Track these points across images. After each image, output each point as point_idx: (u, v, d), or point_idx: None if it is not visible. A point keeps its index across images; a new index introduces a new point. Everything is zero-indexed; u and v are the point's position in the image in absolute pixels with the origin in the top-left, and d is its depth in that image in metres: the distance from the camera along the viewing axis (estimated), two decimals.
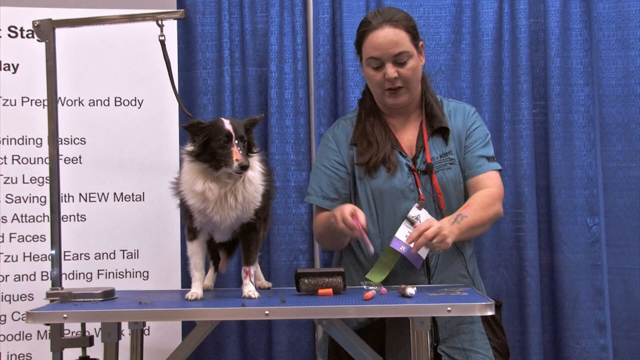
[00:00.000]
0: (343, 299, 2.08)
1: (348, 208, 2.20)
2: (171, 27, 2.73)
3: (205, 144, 2.04)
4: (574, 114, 2.88)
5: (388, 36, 2.31)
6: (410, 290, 2.04)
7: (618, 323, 2.88)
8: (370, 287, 2.21)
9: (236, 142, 2.03)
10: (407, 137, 2.42)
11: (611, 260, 2.88)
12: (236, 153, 2.01)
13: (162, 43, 2.38)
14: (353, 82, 2.90)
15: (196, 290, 2.14)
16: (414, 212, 2.31)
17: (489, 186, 2.37)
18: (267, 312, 1.93)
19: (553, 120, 2.88)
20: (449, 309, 1.90)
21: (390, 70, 2.31)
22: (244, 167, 2.01)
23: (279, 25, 2.94)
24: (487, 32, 2.93)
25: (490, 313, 1.93)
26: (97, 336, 2.41)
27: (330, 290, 2.13)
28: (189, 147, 2.09)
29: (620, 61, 2.92)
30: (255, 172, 2.13)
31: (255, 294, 2.12)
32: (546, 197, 2.90)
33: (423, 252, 2.28)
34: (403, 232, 2.29)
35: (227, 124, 2.05)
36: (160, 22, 2.39)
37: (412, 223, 2.29)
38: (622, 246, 2.89)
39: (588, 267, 2.84)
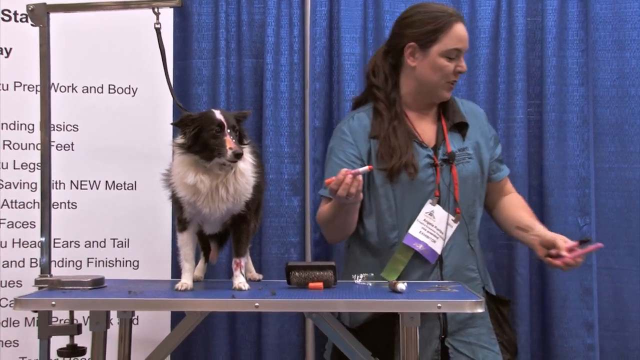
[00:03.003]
0: (333, 292, 2.07)
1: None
2: (167, 16, 2.71)
3: (196, 136, 2.03)
4: (568, 113, 2.88)
5: (465, 31, 2.40)
6: (401, 285, 2.04)
7: (605, 323, 2.89)
8: (360, 279, 2.24)
9: (228, 131, 2.02)
10: (426, 130, 2.44)
11: (600, 261, 2.88)
12: (229, 142, 2.00)
13: (158, 31, 2.36)
14: (349, 75, 2.89)
15: (186, 281, 2.13)
16: (427, 207, 2.34)
17: (513, 190, 2.61)
18: (257, 304, 1.93)
19: (547, 120, 2.88)
20: (439, 305, 1.91)
21: (464, 64, 2.40)
22: (238, 155, 2.00)
23: (276, 17, 2.92)
24: (484, 30, 2.93)
25: (480, 310, 1.92)
26: (85, 324, 2.40)
27: (320, 284, 2.13)
28: (180, 140, 2.08)
29: (615, 62, 2.93)
30: (247, 163, 2.12)
31: (245, 285, 2.12)
32: (538, 196, 2.91)
33: (438, 247, 2.32)
34: (417, 229, 2.32)
35: (218, 114, 2.04)
36: (156, 10, 2.37)
37: (425, 219, 2.33)
38: (612, 247, 2.89)
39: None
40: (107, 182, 2.72)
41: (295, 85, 2.92)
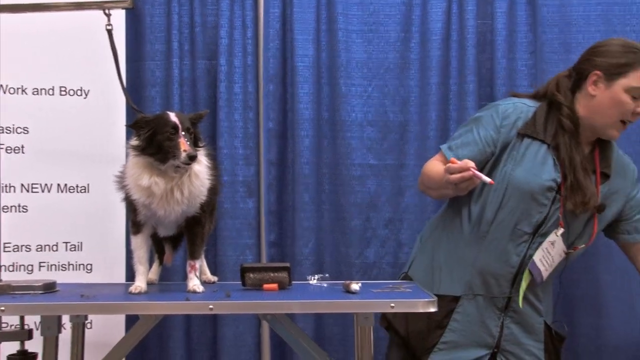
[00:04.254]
0: (288, 293, 2.09)
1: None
2: (119, 17, 2.69)
3: (150, 138, 2.03)
4: None
5: None
6: (355, 286, 2.06)
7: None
8: (315, 279, 2.26)
9: (183, 133, 2.02)
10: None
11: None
12: (184, 144, 2.00)
13: (110, 33, 2.35)
14: (302, 77, 2.91)
15: (140, 284, 2.12)
16: (552, 237, 2.30)
17: None
18: (211, 306, 1.93)
19: None
20: (392, 305, 1.93)
21: None
22: (192, 157, 2.00)
23: (229, 19, 2.92)
24: (436, 32, 2.96)
25: (432, 309, 1.95)
26: (36, 330, 2.37)
27: (275, 285, 2.14)
28: (134, 142, 2.07)
29: (562, 64, 2.97)
30: (202, 166, 2.12)
31: (199, 288, 2.11)
32: None
33: (545, 275, 2.31)
34: (539, 255, 2.30)
35: (173, 116, 2.04)
36: (107, 11, 2.35)
37: (547, 248, 2.30)
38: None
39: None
40: (59, 184, 2.68)
41: (249, 87, 2.93)
